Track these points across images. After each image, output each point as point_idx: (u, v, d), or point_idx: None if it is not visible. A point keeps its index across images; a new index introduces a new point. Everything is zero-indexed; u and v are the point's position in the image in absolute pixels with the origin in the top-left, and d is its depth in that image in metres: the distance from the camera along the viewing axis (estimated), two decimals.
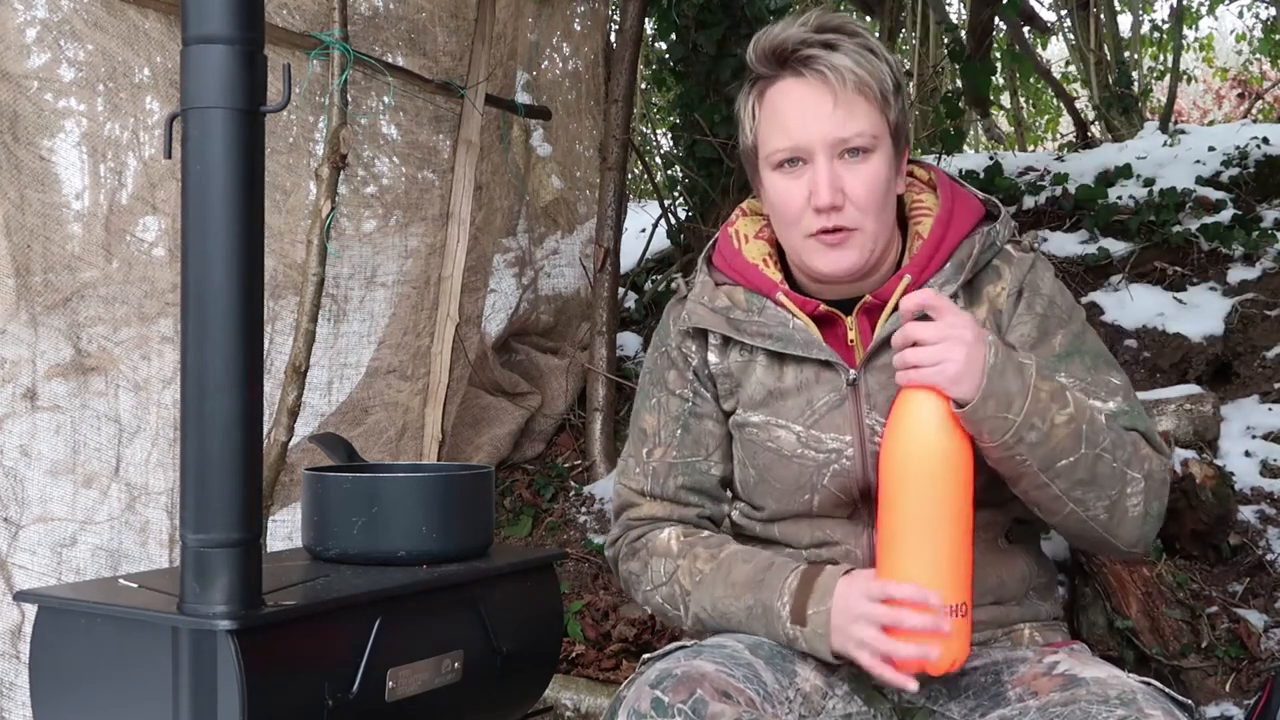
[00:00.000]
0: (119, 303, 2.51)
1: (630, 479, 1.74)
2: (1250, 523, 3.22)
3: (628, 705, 1.43)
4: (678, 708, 1.38)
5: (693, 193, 4.92)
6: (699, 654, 1.50)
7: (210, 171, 1.47)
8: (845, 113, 1.53)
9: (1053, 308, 1.61)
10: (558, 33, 4.01)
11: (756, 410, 1.65)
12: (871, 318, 1.62)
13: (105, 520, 2.49)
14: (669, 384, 1.72)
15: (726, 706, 1.38)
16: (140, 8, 2.48)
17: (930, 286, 1.58)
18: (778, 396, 1.63)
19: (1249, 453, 3.50)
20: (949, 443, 1.43)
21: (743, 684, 1.44)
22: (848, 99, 1.53)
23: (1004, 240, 1.63)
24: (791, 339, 1.61)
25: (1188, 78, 9.59)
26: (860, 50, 1.54)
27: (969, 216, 1.64)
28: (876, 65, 1.55)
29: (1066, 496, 1.49)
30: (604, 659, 3.13)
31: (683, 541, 1.67)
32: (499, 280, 3.84)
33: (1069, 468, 1.47)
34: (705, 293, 1.69)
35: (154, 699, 1.53)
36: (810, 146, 1.54)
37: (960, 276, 1.59)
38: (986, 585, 1.61)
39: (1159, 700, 1.42)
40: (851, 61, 1.53)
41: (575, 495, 3.83)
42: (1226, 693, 2.75)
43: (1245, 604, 2.98)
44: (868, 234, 1.57)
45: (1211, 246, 4.62)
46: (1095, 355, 1.60)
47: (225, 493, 1.49)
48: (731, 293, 1.67)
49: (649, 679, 1.44)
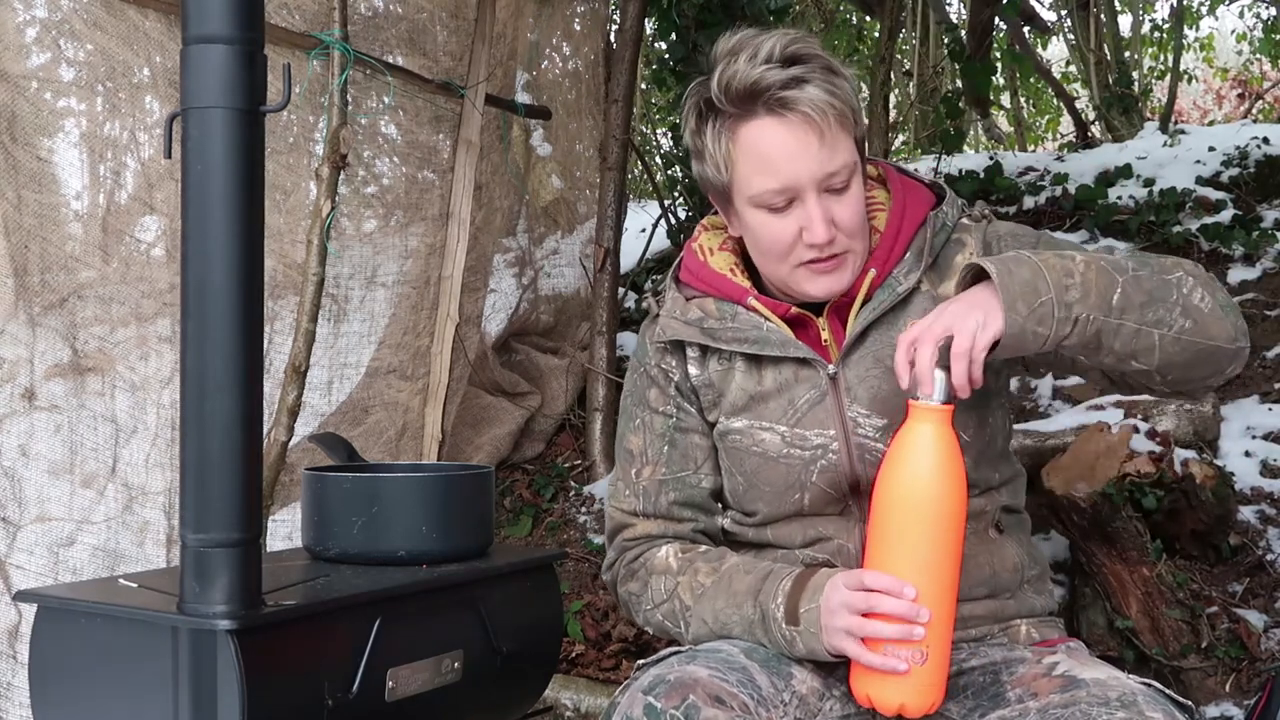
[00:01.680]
0: (117, 303, 2.51)
1: (621, 502, 1.74)
2: (1250, 523, 3.22)
3: (621, 711, 1.43)
4: (670, 714, 1.37)
5: (693, 193, 4.92)
6: (693, 659, 1.50)
7: (210, 171, 1.47)
8: (829, 150, 1.53)
9: (1017, 239, 1.65)
10: (558, 33, 4.01)
11: (739, 416, 1.65)
12: (842, 315, 1.63)
13: (103, 520, 2.49)
14: (651, 402, 1.72)
15: (719, 712, 1.38)
16: (140, 7, 2.48)
17: (895, 277, 1.61)
18: (759, 400, 1.64)
19: (1249, 453, 3.50)
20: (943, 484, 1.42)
21: (736, 688, 1.44)
22: (831, 136, 1.54)
23: (955, 219, 1.66)
24: (767, 340, 1.62)
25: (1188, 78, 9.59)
26: (827, 77, 1.54)
27: (921, 206, 1.66)
28: (843, 87, 1.55)
29: (1146, 326, 1.45)
30: (604, 659, 3.13)
31: (682, 558, 1.66)
32: (499, 280, 3.84)
33: (1124, 299, 1.44)
34: (677, 307, 1.70)
35: (154, 699, 1.53)
36: (800, 186, 1.54)
37: (921, 263, 1.62)
38: (980, 577, 1.61)
39: (1159, 702, 1.42)
40: (825, 94, 1.52)
41: (575, 495, 3.83)
42: (1226, 693, 2.75)
43: (1245, 604, 2.98)
44: (857, 253, 1.60)
45: (1211, 246, 4.62)
46: (1061, 244, 1.63)
47: (225, 493, 1.49)
48: (703, 304, 1.68)
49: (642, 684, 1.44)
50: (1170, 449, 2.99)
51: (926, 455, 1.42)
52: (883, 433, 1.59)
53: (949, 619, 1.45)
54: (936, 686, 1.45)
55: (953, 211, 1.66)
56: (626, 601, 1.73)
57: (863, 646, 1.44)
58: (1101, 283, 1.44)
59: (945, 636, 1.44)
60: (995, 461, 1.65)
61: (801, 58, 1.55)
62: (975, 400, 1.57)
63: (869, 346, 1.61)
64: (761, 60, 1.53)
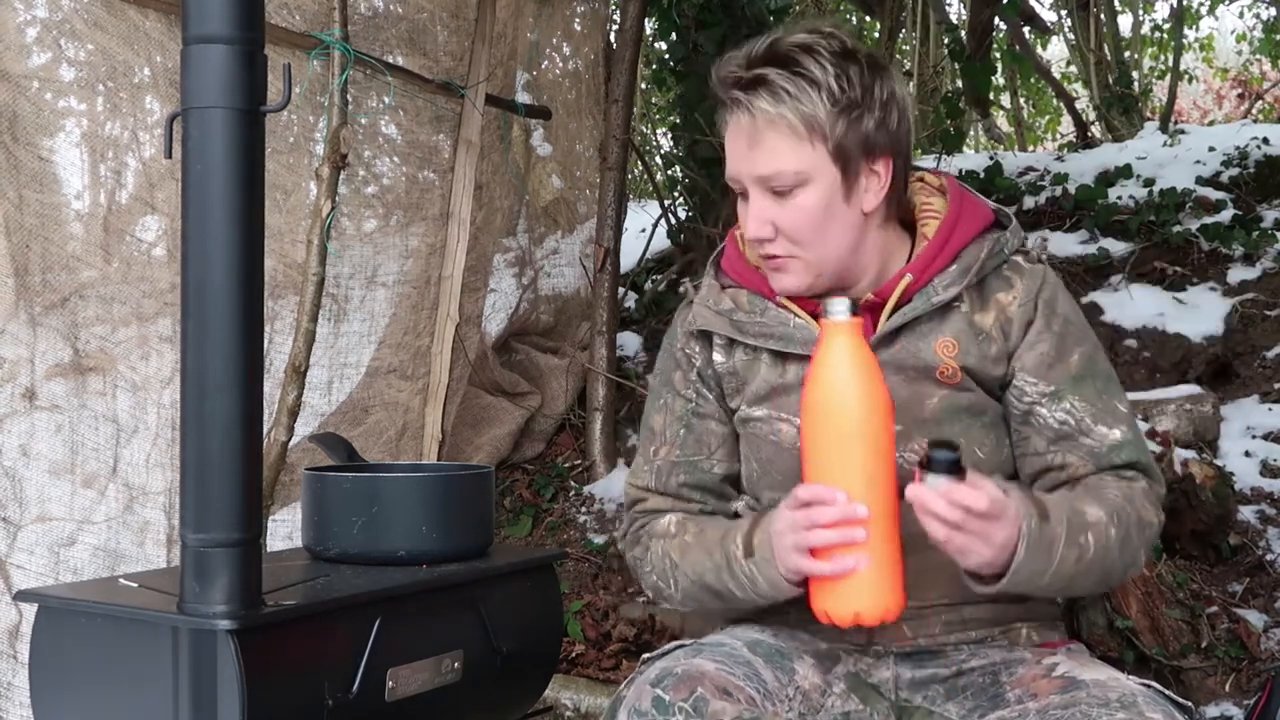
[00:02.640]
0: (117, 303, 2.51)
1: (638, 478, 1.77)
2: (1250, 523, 3.23)
3: (628, 704, 1.43)
4: (679, 705, 1.38)
5: (693, 193, 4.92)
6: (699, 652, 1.51)
7: (210, 171, 1.47)
8: (763, 153, 1.55)
9: (1069, 327, 1.62)
10: (558, 33, 4.01)
11: (760, 405, 1.67)
12: (874, 315, 1.63)
13: (103, 520, 2.49)
14: (674, 384, 1.75)
15: (727, 704, 1.39)
16: (140, 7, 2.48)
17: (934, 286, 1.59)
18: (781, 392, 1.65)
19: (1249, 453, 3.51)
20: (855, 390, 1.45)
21: (743, 682, 1.45)
22: (761, 139, 1.55)
23: (1012, 249, 1.64)
24: (792, 338, 1.63)
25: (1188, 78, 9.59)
26: (789, 81, 1.53)
27: (976, 222, 1.65)
28: (805, 97, 1.53)
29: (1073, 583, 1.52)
30: (604, 659, 3.13)
31: (679, 523, 1.70)
32: (499, 280, 3.84)
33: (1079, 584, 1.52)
34: (710, 296, 1.72)
35: (154, 699, 1.53)
36: (742, 181, 1.59)
37: (965, 279, 1.60)
38: None
39: (1159, 703, 1.42)
40: (770, 100, 1.53)
41: (575, 495, 3.83)
42: (1226, 693, 2.75)
43: (1245, 604, 2.98)
44: (808, 261, 1.59)
45: (1211, 246, 4.62)
46: (1106, 379, 1.62)
47: (225, 493, 1.49)
48: (736, 295, 1.70)
49: (649, 678, 1.44)
50: (1170, 449, 2.99)
51: (838, 368, 1.45)
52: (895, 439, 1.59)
53: (891, 523, 1.45)
54: (890, 592, 1.45)
55: (1014, 242, 1.65)
56: (632, 566, 1.77)
57: (812, 559, 1.45)
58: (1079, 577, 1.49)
59: (890, 538, 1.45)
60: (1007, 479, 1.63)
61: (774, 58, 1.54)
62: (993, 419, 1.60)
63: (893, 352, 1.60)
64: (750, 54, 1.56)
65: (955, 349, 1.59)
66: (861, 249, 1.62)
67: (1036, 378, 1.59)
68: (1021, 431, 1.61)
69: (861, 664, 1.63)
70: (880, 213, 1.62)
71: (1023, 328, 1.60)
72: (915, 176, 1.70)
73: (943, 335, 1.59)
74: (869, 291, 1.62)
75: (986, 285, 1.62)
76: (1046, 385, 1.58)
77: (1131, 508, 1.55)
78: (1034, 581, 1.45)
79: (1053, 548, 1.45)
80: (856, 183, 1.58)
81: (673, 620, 3.19)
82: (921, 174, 1.71)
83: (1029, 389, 1.59)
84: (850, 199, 1.58)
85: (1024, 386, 1.59)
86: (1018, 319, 1.60)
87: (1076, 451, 1.58)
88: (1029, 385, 1.59)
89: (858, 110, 1.55)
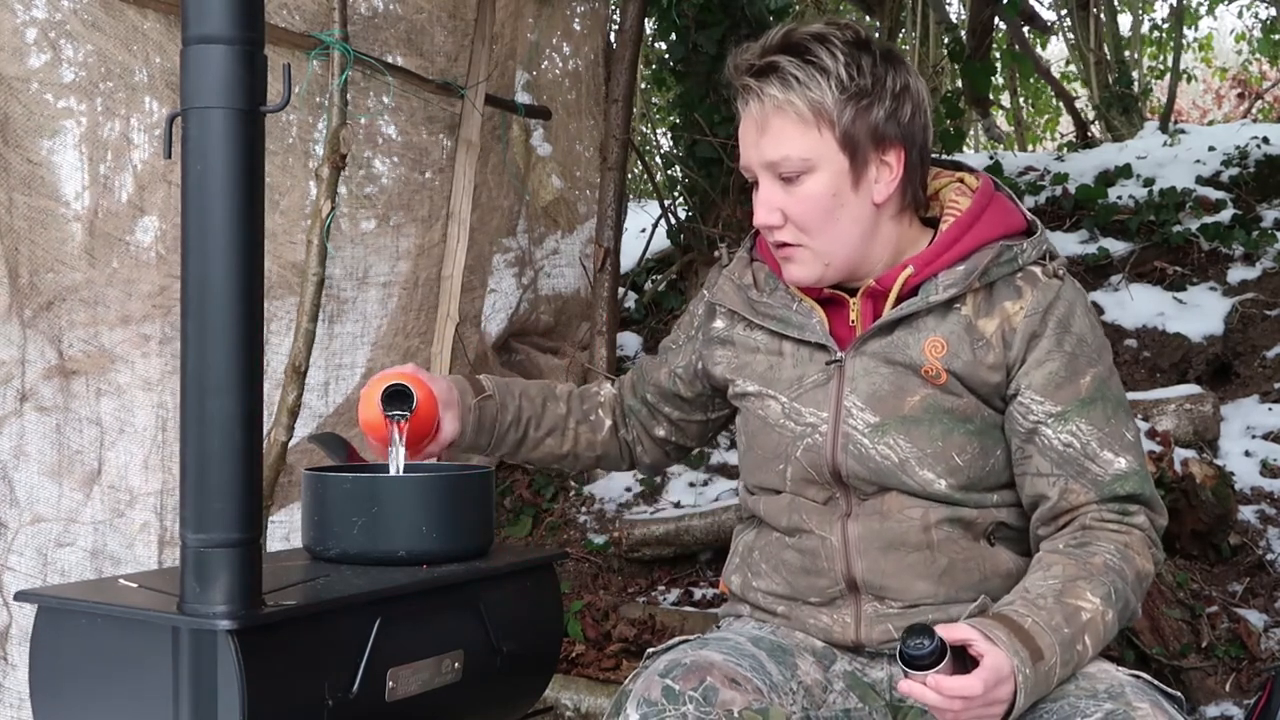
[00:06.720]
0: (108, 305, 2.50)
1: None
2: (1250, 523, 3.23)
3: (637, 695, 1.43)
4: (689, 695, 1.39)
5: (693, 193, 4.92)
6: (705, 645, 1.53)
7: (210, 171, 1.47)
8: (771, 139, 1.57)
9: (1082, 346, 1.59)
10: (558, 33, 4.01)
11: (755, 381, 1.70)
12: (876, 302, 1.63)
13: (91, 522, 2.48)
14: (683, 324, 1.87)
15: (736, 694, 1.41)
16: (139, 8, 2.48)
17: (936, 282, 1.59)
18: (776, 369, 1.68)
19: (1249, 453, 3.51)
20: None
21: (750, 673, 1.46)
22: (770, 125, 1.57)
23: (1028, 260, 1.61)
24: (789, 321, 1.66)
25: (1188, 77, 9.60)
26: (800, 68, 1.54)
27: (996, 227, 1.62)
28: (814, 84, 1.54)
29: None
30: (604, 659, 3.13)
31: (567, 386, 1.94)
32: (499, 280, 3.84)
33: (1074, 664, 1.48)
34: (737, 269, 1.76)
35: (154, 699, 1.53)
36: (752, 169, 1.62)
37: (967, 281, 1.58)
38: (968, 581, 1.60)
39: (1147, 693, 1.43)
40: (779, 86, 1.54)
41: (575, 495, 3.83)
42: (1226, 693, 2.75)
43: (1245, 604, 2.98)
44: (817, 250, 1.60)
45: (1211, 246, 4.62)
46: (1116, 404, 1.60)
47: (225, 493, 1.49)
48: (758, 271, 1.74)
49: (658, 669, 1.45)
50: (1170, 449, 2.99)
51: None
52: (872, 430, 1.59)
53: None
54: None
55: (1031, 252, 1.62)
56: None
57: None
58: (1081, 665, 1.47)
59: None
60: (994, 488, 1.62)
61: (786, 46, 1.56)
62: (980, 427, 1.59)
63: (886, 342, 1.60)
64: (765, 43, 1.58)
65: (944, 350, 1.58)
66: (873, 241, 1.61)
67: (1044, 397, 1.56)
68: (1025, 450, 1.58)
69: (857, 663, 1.64)
70: (893, 205, 1.61)
71: (1025, 340, 1.58)
72: (955, 175, 1.70)
73: (934, 335, 1.58)
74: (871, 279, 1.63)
75: (995, 291, 1.60)
76: (1054, 405, 1.56)
77: (1129, 568, 1.53)
78: (1039, 696, 1.42)
79: (1050, 677, 1.42)
80: (866, 172, 1.58)
81: (673, 621, 3.19)
82: (962, 174, 1.71)
83: (1035, 408, 1.56)
84: (859, 188, 1.58)
85: (1030, 404, 1.57)
86: (1021, 330, 1.58)
87: (1079, 479, 1.55)
88: (1036, 404, 1.56)
89: (867, 99, 1.55)
